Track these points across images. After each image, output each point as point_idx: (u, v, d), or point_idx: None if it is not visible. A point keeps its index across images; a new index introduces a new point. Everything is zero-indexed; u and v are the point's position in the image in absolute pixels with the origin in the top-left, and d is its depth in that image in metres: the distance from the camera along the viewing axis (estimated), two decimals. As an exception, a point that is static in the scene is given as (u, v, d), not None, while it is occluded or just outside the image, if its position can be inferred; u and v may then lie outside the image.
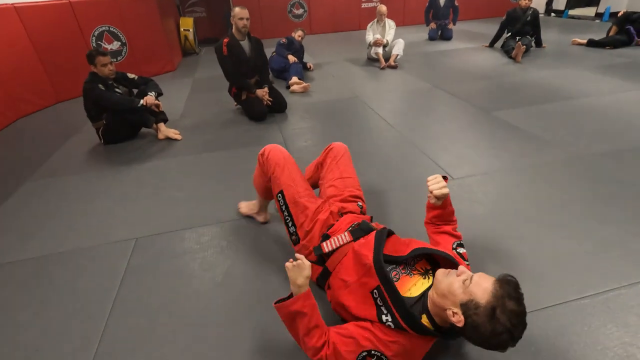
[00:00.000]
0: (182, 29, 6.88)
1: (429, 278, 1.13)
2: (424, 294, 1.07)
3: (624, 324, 1.23)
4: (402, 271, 1.14)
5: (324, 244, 1.31)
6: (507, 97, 3.62)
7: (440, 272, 1.03)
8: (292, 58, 4.61)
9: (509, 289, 0.88)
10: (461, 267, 1.02)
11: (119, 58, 5.00)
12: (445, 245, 1.25)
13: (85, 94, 2.91)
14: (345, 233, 1.31)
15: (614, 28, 5.54)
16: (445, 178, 1.24)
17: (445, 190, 1.22)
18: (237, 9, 3.15)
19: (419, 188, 2.13)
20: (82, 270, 1.70)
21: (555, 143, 2.57)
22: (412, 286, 1.10)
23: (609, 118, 2.94)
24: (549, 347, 1.18)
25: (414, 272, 1.14)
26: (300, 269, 1.08)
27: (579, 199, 1.94)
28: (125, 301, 1.51)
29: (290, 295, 1.09)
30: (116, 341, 1.33)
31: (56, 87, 4.41)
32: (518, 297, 0.87)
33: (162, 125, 3.15)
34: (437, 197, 1.23)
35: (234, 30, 3.24)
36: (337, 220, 1.42)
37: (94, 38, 4.69)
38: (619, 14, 5.70)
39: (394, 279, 1.10)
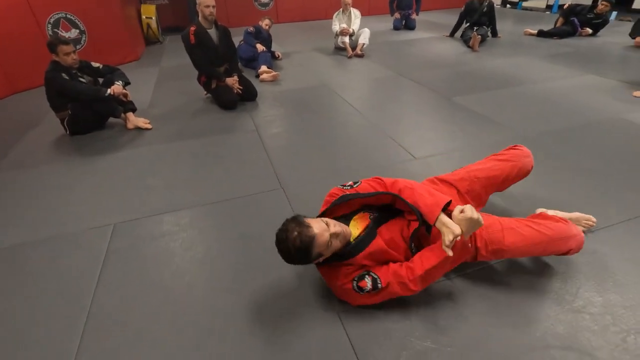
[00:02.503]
0: (143, 17, 6.65)
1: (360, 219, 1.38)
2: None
3: (555, 273, 1.46)
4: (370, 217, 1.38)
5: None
6: (465, 83, 3.87)
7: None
8: (260, 47, 4.64)
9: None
10: (330, 222, 1.23)
11: (78, 47, 4.80)
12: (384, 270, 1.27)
13: (48, 84, 2.81)
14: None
15: (561, 19, 5.98)
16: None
17: (466, 215, 1.14)
18: (202, -4, 3.10)
19: (386, 169, 2.32)
20: (62, 255, 1.73)
21: (506, 125, 2.83)
22: (354, 225, 1.36)
23: (553, 102, 3.25)
24: (498, 297, 1.38)
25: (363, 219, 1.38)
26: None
27: (524, 173, 2.18)
28: (109, 281, 1.56)
29: None
30: (103, 319, 1.39)
31: (10, 77, 4.19)
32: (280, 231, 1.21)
33: (131, 115, 3.12)
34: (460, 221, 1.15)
35: (200, 18, 3.22)
36: None
37: (49, 25, 4.47)
38: (565, 7, 6.15)
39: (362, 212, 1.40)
